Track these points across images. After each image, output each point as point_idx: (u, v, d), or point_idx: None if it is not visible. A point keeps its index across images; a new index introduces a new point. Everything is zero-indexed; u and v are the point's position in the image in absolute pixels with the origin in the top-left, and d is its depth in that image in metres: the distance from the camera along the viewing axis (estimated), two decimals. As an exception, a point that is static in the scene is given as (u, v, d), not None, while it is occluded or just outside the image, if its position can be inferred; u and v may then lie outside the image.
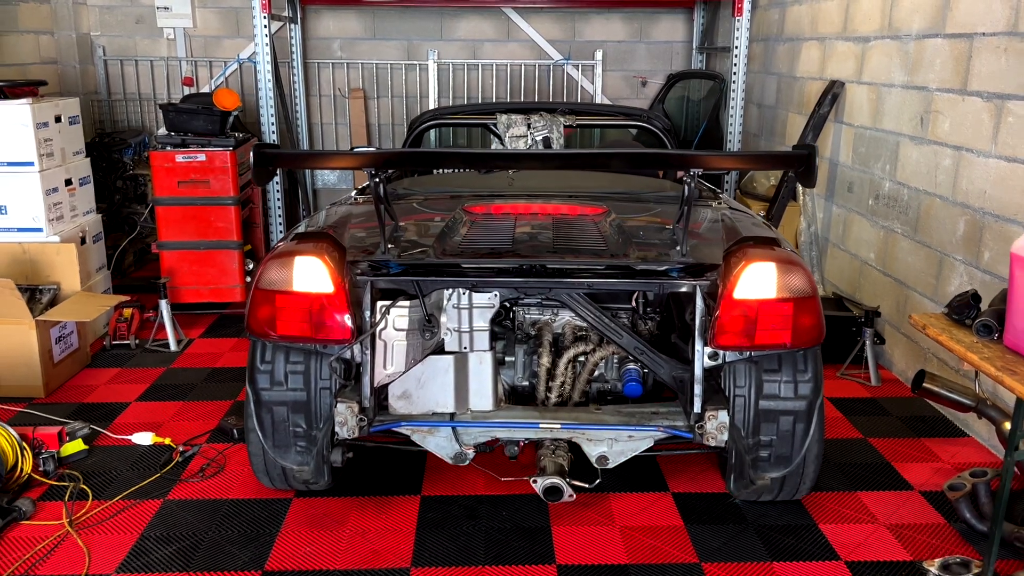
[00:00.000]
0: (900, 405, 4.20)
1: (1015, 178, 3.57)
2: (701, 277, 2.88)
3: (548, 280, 2.89)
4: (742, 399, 2.96)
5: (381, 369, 2.93)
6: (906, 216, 4.49)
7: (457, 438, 3.00)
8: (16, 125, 4.43)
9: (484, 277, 2.90)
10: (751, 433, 2.97)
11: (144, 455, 3.63)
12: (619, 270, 2.90)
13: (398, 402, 2.99)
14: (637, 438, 2.97)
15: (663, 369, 3.03)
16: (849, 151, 5.19)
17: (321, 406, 2.99)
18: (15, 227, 4.53)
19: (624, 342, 3.03)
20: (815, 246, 5.65)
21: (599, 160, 3.52)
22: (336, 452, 3.02)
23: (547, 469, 2.88)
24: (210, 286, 5.33)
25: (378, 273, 2.90)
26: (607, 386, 3.27)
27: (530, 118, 4.60)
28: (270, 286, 2.81)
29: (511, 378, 3.26)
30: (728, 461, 3.04)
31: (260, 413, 3.01)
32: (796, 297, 2.76)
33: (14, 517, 3.08)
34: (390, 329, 2.93)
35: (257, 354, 3.02)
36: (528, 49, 7.80)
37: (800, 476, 3.07)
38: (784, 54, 6.29)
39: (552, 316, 3.30)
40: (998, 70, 3.69)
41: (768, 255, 2.78)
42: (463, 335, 2.96)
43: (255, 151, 2.78)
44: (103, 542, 3.00)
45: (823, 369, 3.04)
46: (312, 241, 2.88)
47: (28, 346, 4.11)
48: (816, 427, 2.98)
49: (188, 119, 5.18)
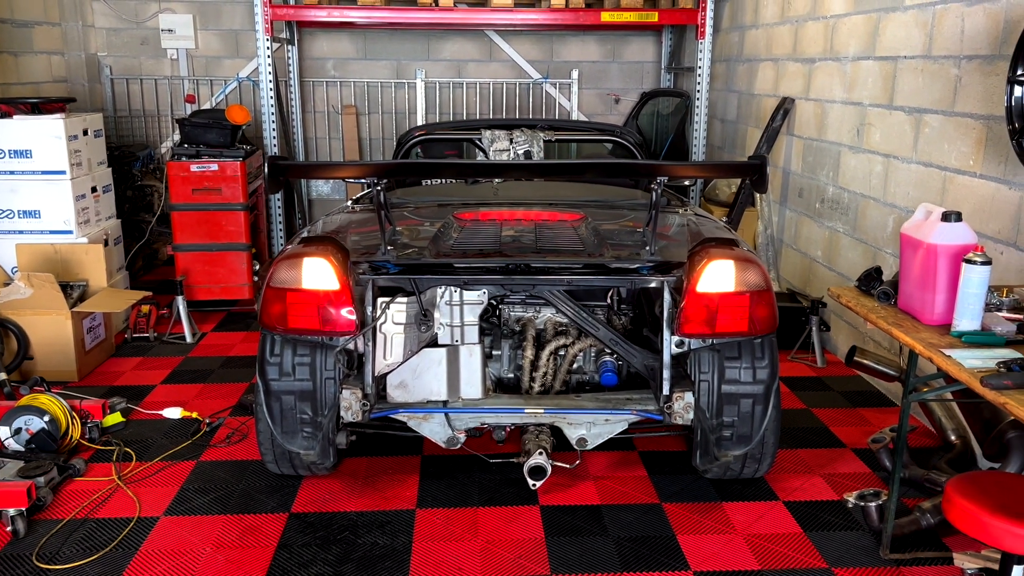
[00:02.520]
0: (841, 382, 4.77)
1: (931, 180, 4.16)
2: (668, 274, 3.17)
3: (532, 278, 3.16)
4: (706, 383, 3.21)
5: (381, 359, 3.20)
6: (847, 217, 5.08)
7: (449, 423, 3.26)
8: (50, 138, 4.91)
9: (474, 275, 3.16)
10: (715, 414, 3.22)
11: (175, 427, 4.11)
12: (595, 268, 3.18)
13: (396, 391, 3.26)
14: (613, 421, 3.25)
15: (636, 359, 3.32)
16: (799, 160, 5.78)
17: (326, 394, 3.21)
18: (48, 229, 5.01)
19: (601, 335, 3.31)
20: (771, 247, 6.23)
21: (576, 169, 3.91)
22: (341, 435, 3.31)
23: (532, 451, 3.15)
24: (221, 284, 5.81)
25: (378, 272, 3.16)
26: (585, 376, 3.56)
27: (512, 133, 4.93)
28: (281, 284, 3.07)
29: (498, 370, 3.53)
30: (694, 439, 3.33)
31: (270, 402, 3.22)
32: (752, 290, 3.06)
33: (70, 474, 3.56)
34: (389, 323, 3.21)
35: (267, 347, 3.25)
36: (509, 69, 8.37)
37: (760, 453, 3.38)
38: (743, 74, 6.90)
39: (535, 313, 3.60)
40: (917, 88, 4.28)
41: (727, 254, 3.07)
42: (455, 329, 3.25)
43: (269, 163, 3.06)
44: (149, 493, 3.48)
45: (778, 355, 3.35)
46: (318, 244, 3.14)
47: (64, 335, 4.58)
48: (773, 409, 3.25)
49: (202, 132, 5.68)
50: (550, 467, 3.13)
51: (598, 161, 4.68)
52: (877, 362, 3.96)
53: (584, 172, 3.84)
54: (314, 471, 3.50)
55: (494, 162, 4.56)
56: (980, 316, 2.55)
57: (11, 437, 3.62)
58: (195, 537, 3.17)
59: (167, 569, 2.96)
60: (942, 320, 2.65)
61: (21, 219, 4.99)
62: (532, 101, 8.36)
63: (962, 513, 2.43)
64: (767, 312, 3.11)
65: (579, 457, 3.39)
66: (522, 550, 3.09)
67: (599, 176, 4.39)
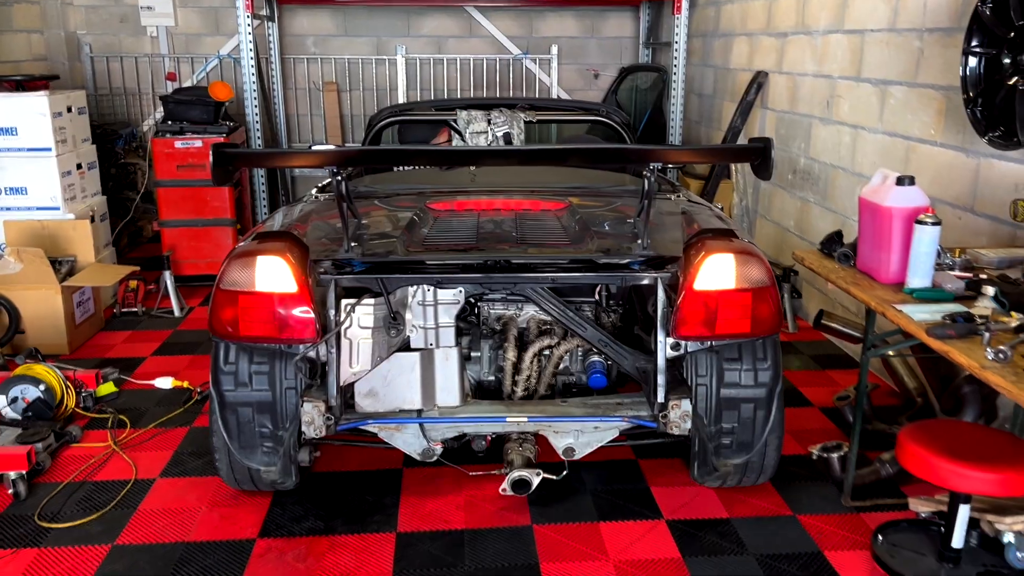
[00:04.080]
0: (812, 347, 4.95)
1: (895, 149, 4.31)
2: (662, 269, 2.90)
3: (513, 275, 2.90)
4: (704, 388, 3.00)
5: (347, 367, 2.89)
6: (817, 187, 5.24)
7: (424, 434, 3.00)
8: (35, 115, 4.98)
9: (449, 273, 2.90)
10: (713, 421, 3.02)
11: (166, 396, 4.22)
12: (582, 264, 2.92)
13: (365, 400, 2.97)
14: (602, 429, 3.01)
15: (627, 361, 3.07)
16: (772, 133, 5.92)
17: (287, 406, 2.95)
18: (35, 206, 5.09)
19: (588, 335, 3.06)
20: (746, 218, 6.39)
21: (560, 155, 3.48)
22: (304, 451, 3.06)
23: (515, 463, 2.93)
24: (207, 259, 5.91)
25: (342, 271, 2.87)
26: (572, 379, 3.30)
27: (490, 114, 4.63)
28: (232, 287, 2.77)
29: (477, 373, 3.26)
30: (691, 449, 3.12)
31: (225, 415, 2.97)
32: (755, 287, 2.82)
33: (66, 440, 3.67)
34: (355, 327, 2.89)
35: (220, 355, 2.98)
36: (489, 44, 8.45)
37: (762, 461, 3.14)
38: (719, 48, 7.02)
39: (517, 311, 3.32)
40: (882, 60, 4.43)
41: (727, 247, 2.81)
42: (429, 332, 2.96)
43: (213, 152, 2.72)
44: (144, 457, 3.60)
45: (781, 357, 3.12)
46: (274, 240, 2.84)
47: (55, 308, 4.67)
48: (776, 413, 3.04)
49: (185, 109, 5.76)
50: (535, 480, 2.90)
51: (584, 147, 4.19)
52: (844, 325, 4.13)
53: (569, 159, 3.50)
54: (276, 488, 3.20)
55: (467, 148, 4.22)
56: (931, 274, 2.72)
57: (8, 406, 3.73)
58: (191, 496, 3.30)
59: (165, 525, 3.10)
60: (896, 279, 2.82)
61: (8, 196, 5.06)
62: (512, 77, 8.44)
63: (913, 457, 2.61)
64: (771, 310, 2.86)
65: (566, 467, 3.16)
66: (505, 502, 3.25)
67: (586, 162, 4.03)
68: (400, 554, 2.96)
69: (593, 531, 3.09)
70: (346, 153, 3.45)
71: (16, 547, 2.97)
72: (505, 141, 4.60)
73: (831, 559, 2.92)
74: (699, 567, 2.89)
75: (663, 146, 5.72)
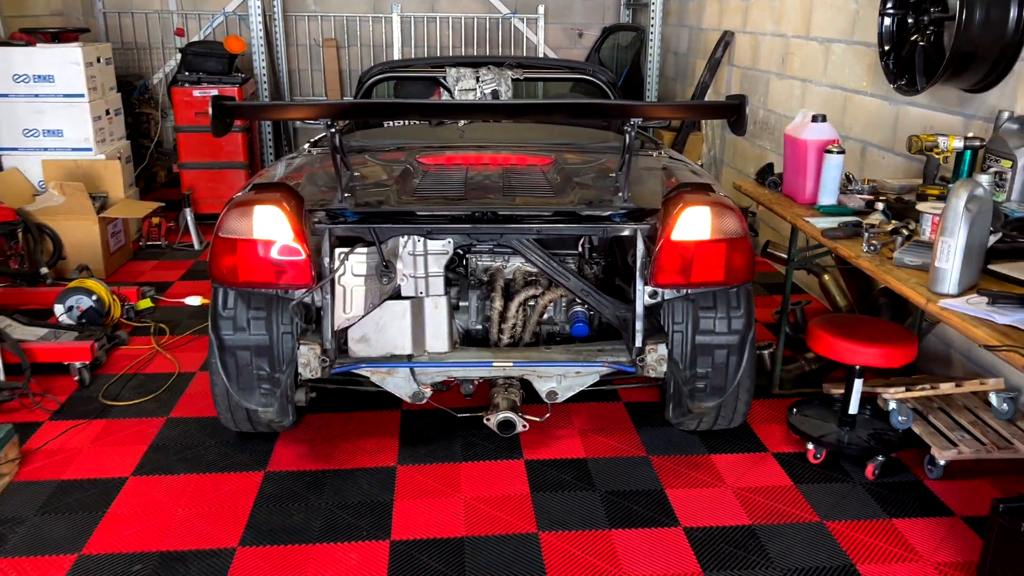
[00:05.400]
0: (764, 277, 5.60)
1: (836, 100, 4.92)
2: (642, 221, 3.01)
3: (499, 226, 3.00)
4: (680, 334, 3.15)
5: (341, 313, 3.01)
6: (773, 136, 5.85)
7: (415, 378, 3.11)
8: (70, 64, 5.52)
9: (438, 224, 2.99)
10: (688, 366, 3.16)
11: (196, 311, 4.84)
12: (566, 216, 3.02)
13: (357, 345, 3.06)
14: (584, 374, 3.13)
15: (608, 309, 3.17)
16: (738, 88, 6.51)
17: (283, 350, 3.09)
18: (70, 147, 5.65)
19: (571, 285, 3.16)
20: (714, 167, 7.00)
21: (545, 109, 3.63)
22: (300, 392, 3.20)
23: (500, 405, 3.04)
24: (221, 199, 6.47)
25: (335, 221, 2.97)
26: (556, 328, 3.41)
27: (479, 71, 4.72)
28: (231, 234, 2.86)
29: (465, 322, 3.38)
30: (667, 392, 3.34)
31: (224, 357, 3.10)
32: (729, 238, 2.93)
33: (116, 342, 4.30)
34: (349, 275, 3.00)
35: (219, 301, 3.10)
36: (480, 3, 8.95)
37: (734, 405, 3.34)
38: (694, 9, 7.57)
39: (503, 262, 3.43)
40: (827, 20, 5.02)
41: (703, 200, 2.91)
42: (419, 281, 3.05)
43: (213, 104, 2.79)
44: (184, 357, 4.23)
45: (754, 305, 3.27)
46: (270, 191, 2.93)
47: (93, 237, 5.26)
48: (748, 359, 3.19)
49: (202, 60, 6.30)
50: (520, 421, 3.04)
51: (569, 102, 4.36)
52: (784, 252, 4.77)
53: (553, 112, 3.62)
54: (274, 428, 3.40)
55: (456, 102, 4.28)
56: (836, 194, 3.35)
57: (65, 313, 4.33)
58: (227, 385, 3.93)
59: (209, 404, 3.70)
60: (811, 199, 3.45)
61: (46, 137, 5.62)
62: (501, 36, 8.96)
63: (818, 339, 3.26)
64: (744, 261, 2.99)
65: (548, 410, 3.38)
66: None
67: (570, 117, 4.10)
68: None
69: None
70: (340, 106, 3.55)
71: (88, 419, 3.61)
72: (493, 98, 4.68)
73: (756, 430, 3.58)
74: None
75: (644, 103, 6.05)
